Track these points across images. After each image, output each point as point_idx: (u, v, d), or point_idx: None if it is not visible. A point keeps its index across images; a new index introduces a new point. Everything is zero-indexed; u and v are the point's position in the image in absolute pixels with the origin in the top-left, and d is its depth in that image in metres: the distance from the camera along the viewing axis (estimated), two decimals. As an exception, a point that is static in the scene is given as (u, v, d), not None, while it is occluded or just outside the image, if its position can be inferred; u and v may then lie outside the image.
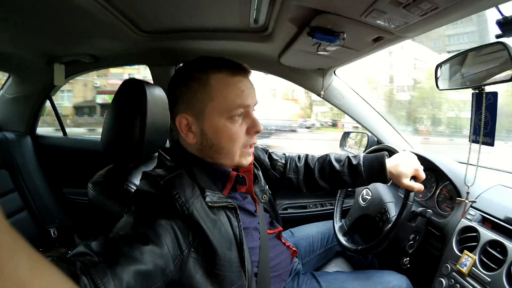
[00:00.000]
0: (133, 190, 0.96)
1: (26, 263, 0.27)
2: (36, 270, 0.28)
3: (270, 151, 1.16)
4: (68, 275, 0.44)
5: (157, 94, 1.04)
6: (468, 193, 0.99)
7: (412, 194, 0.98)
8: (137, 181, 0.98)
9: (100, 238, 0.57)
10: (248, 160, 0.81)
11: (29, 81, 1.84)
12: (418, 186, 0.96)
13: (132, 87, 0.99)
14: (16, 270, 0.25)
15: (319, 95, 1.55)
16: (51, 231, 1.74)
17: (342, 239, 1.22)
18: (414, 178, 0.98)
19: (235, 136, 0.75)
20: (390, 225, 1.06)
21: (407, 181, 0.96)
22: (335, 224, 1.31)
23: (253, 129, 0.77)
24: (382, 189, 1.23)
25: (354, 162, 1.02)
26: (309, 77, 1.55)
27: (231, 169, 0.82)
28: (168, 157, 0.79)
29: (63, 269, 0.45)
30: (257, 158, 1.06)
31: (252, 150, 0.82)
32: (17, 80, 1.86)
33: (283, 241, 1.01)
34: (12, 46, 1.39)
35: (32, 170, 1.78)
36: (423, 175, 0.98)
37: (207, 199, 0.70)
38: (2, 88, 1.92)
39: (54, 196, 1.85)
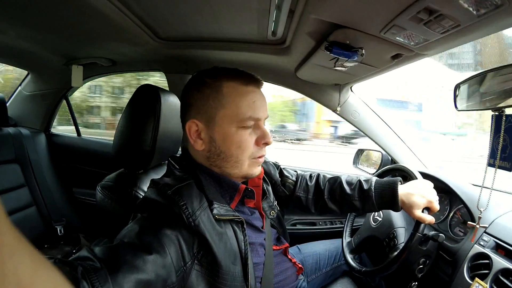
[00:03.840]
0: (140, 196, 0.96)
1: (28, 263, 0.27)
2: (37, 270, 0.28)
3: (281, 167, 1.14)
4: (69, 278, 0.43)
5: (172, 101, 1.04)
6: (480, 218, 0.95)
7: (422, 225, 0.94)
8: (145, 187, 0.98)
9: (104, 243, 0.58)
10: (257, 170, 0.81)
11: (47, 80, 1.89)
12: (430, 219, 0.91)
13: (147, 93, 1.00)
14: (17, 269, 0.25)
15: (334, 111, 1.53)
16: (58, 229, 1.75)
17: (349, 257, 1.19)
18: (428, 208, 0.94)
19: (244, 145, 0.75)
20: (396, 252, 1.02)
21: (418, 213, 0.91)
22: (343, 240, 1.28)
23: (262, 140, 0.77)
24: (394, 212, 1.20)
25: (365, 186, 0.99)
26: (325, 92, 1.53)
27: (240, 182, 0.81)
28: (177, 166, 0.79)
29: (65, 271, 0.44)
30: (267, 173, 1.05)
31: (261, 161, 0.81)
32: (35, 78, 1.91)
33: (289, 257, 0.99)
34: (33, 44, 1.42)
35: (44, 167, 1.81)
36: (437, 207, 0.93)
37: (215, 211, 0.69)
38: (20, 84, 1.97)
39: (63, 195, 1.87)
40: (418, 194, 0.92)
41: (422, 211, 0.92)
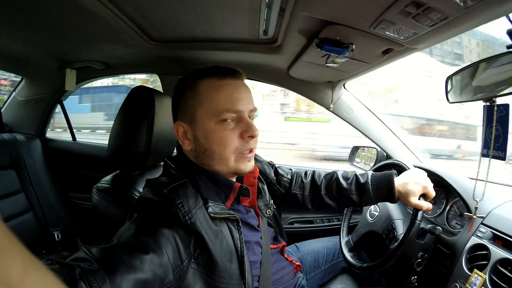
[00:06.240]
0: (136, 197, 0.95)
1: (18, 262, 0.27)
2: (28, 270, 0.28)
3: (276, 165, 1.14)
4: (67, 279, 0.43)
5: (166, 103, 1.04)
6: (476, 208, 0.96)
7: (420, 212, 0.95)
8: (141, 188, 0.97)
9: (101, 244, 0.57)
10: (248, 166, 0.79)
11: (41, 85, 1.89)
12: (427, 205, 0.93)
13: (141, 95, 1.00)
14: (7, 270, 0.25)
15: (328, 108, 1.53)
16: (55, 234, 1.74)
17: (348, 255, 1.20)
18: (424, 196, 0.95)
19: (225, 140, 0.74)
20: (396, 243, 1.03)
21: (415, 200, 0.93)
22: (341, 239, 1.28)
23: (246, 133, 0.75)
24: (390, 205, 1.21)
25: (362, 180, 1.00)
26: (318, 90, 1.53)
27: (234, 180, 0.81)
28: (173, 165, 0.79)
29: (62, 272, 0.44)
30: (262, 172, 1.04)
31: (250, 156, 0.79)
32: (29, 83, 1.90)
33: (285, 256, 0.99)
34: (26, 48, 1.42)
35: (39, 172, 1.79)
36: (432, 193, 0.95)
37: (210, 209, 0.69)
38: (14, 90, 1.97)
39: (60, 200, 1.86)
40: (413, 182, 0.94)
41: (419, 199, 0.93)
